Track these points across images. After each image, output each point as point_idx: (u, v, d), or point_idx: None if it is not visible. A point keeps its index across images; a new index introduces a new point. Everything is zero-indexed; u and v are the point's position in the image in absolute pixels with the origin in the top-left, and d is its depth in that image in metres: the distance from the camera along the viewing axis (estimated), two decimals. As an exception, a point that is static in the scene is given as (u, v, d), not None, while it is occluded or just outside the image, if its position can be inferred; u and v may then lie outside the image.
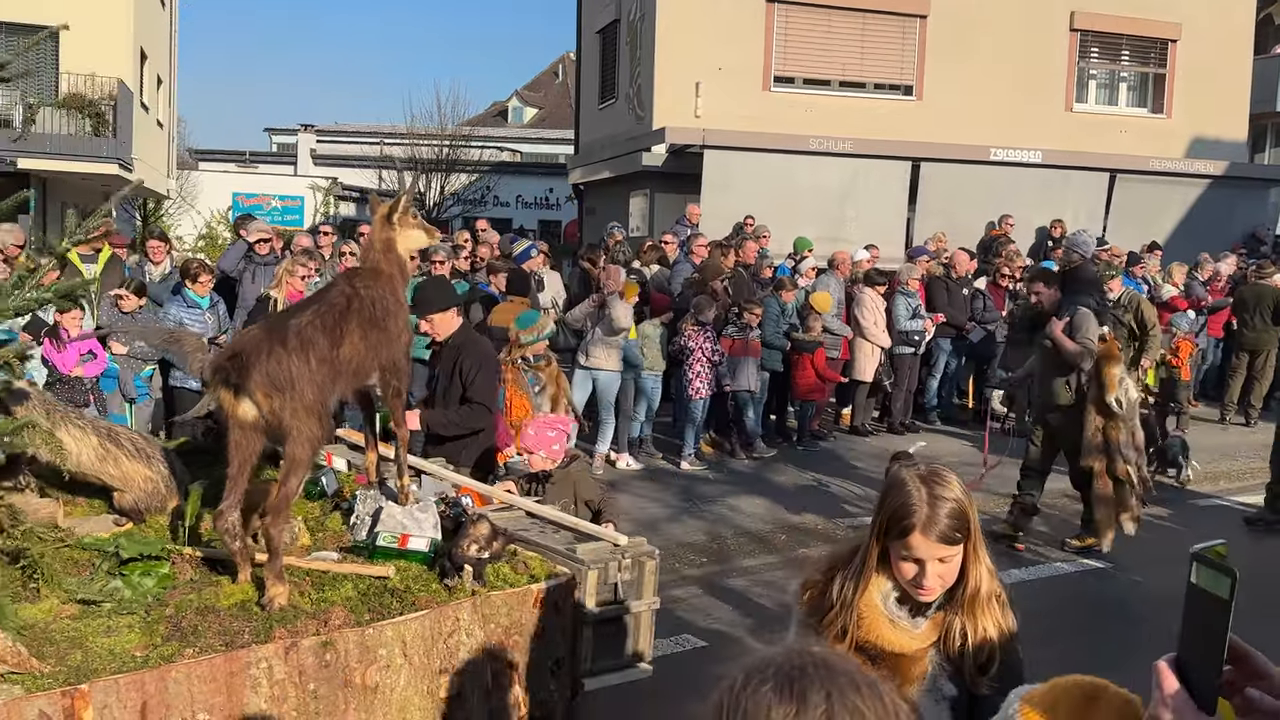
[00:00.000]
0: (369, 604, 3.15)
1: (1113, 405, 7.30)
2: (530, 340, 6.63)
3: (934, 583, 2.17)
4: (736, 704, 1.10)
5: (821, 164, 16.42)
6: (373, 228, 3.79)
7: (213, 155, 39.41)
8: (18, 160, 18.72)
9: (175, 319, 8.44)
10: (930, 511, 2.13)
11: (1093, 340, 7.35)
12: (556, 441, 5.01)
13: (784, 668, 1.12)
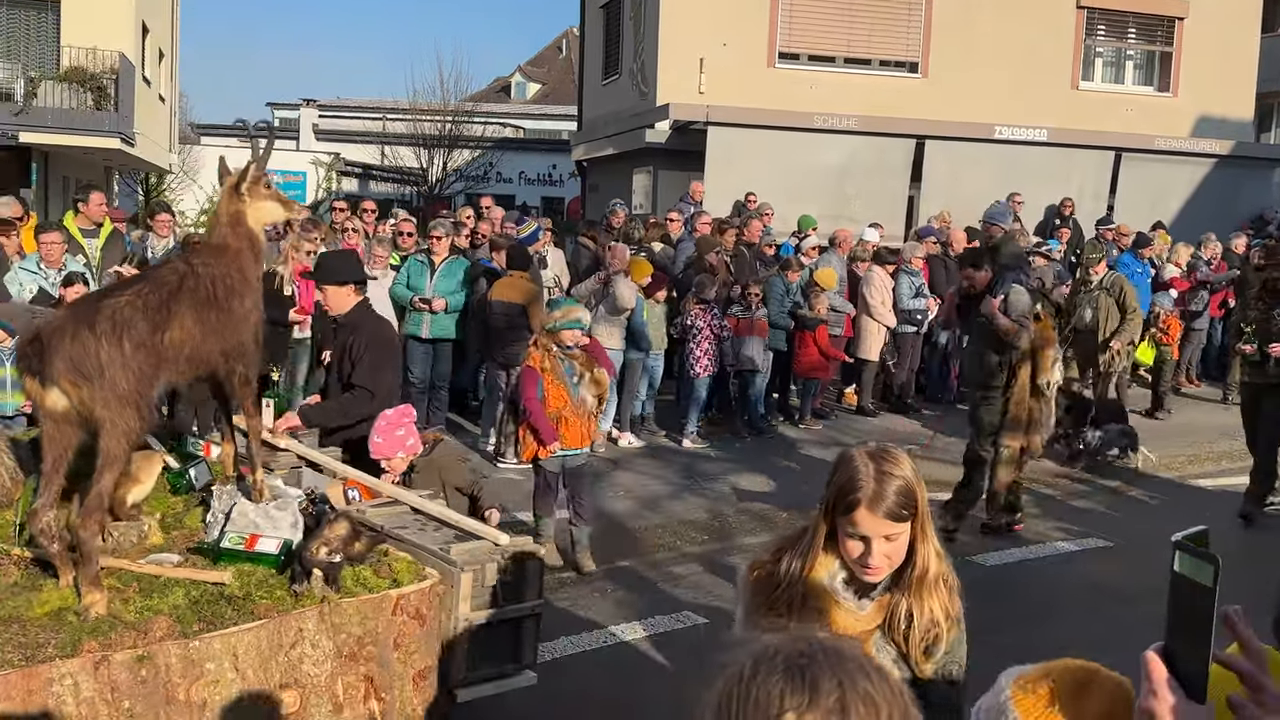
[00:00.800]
0: (201, 613, 2.85)
1: (1043, 387, 7.27)
2: (557, 325, 6.31)
3: (880, 561, 2.14)
4: (746, 694, 1.08)
5: (825, 141, 16.34)
6: (220, 199, 3.47)
7: (215, 130, 39.29)
8: (19, 134, 18.67)
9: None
10: (877, 487, 2.12)
11: (1028, 318, 7.20)
12: (409, 437, 4.74)
13: (793, 655, 1.11)
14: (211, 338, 3.19)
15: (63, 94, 19.26)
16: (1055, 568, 7.10)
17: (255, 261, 3.40)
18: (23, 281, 7.77)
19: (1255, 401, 8.11)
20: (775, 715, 1.05)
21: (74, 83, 19.33)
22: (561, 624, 5.74)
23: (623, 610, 5.95)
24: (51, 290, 7.75)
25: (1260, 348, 7.87)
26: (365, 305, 5.43)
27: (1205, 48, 18.85)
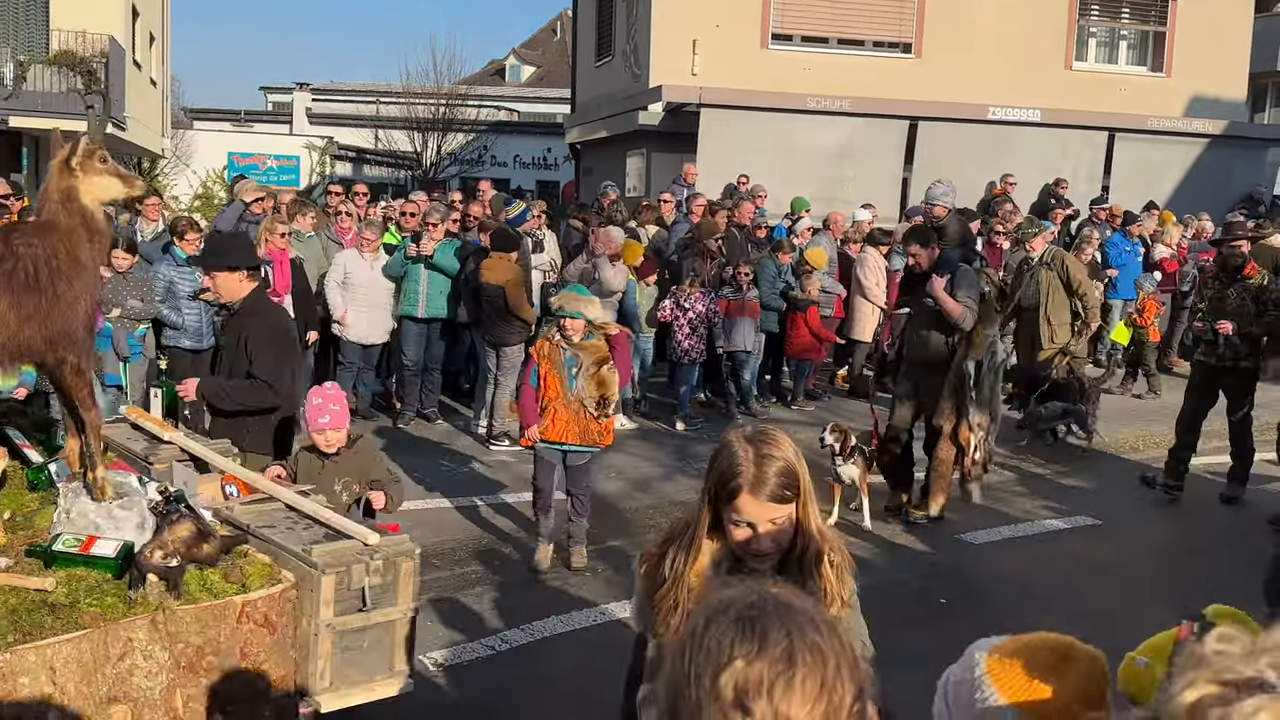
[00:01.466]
0: (19, 623, 2.64)
1: (968, 368, 7.02)
2: (566, 312, 5.98)
3: (768, 545, 2.10)
4: (700, 644, 1.12)
5: (819, 123, 16.30)
6: (49, 175, 3.18)
7: (208, 114, 39.11)
8: (9, 118, 18.60)
9: (165, 277, 8.43)
10: (758, 471, 2.06)
11: (974, 300, 6.96)
12: (324, 414, 4.43)
13: (743, 608, 1.15)
14: (31, 324, 2.93)
15: (52, 78, 19.18)
16: (1043, 545, 7.14)
17: (90, 241, 3.10)
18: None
19: (1209, 382, 7.93)
20: (725, 663, 1.09)
21: (63, 66, 19.26)
22: (552, 604, 5.77)
23: (612, 589, 5.97)
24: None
25: (1210, 325, 7.71)
26: (259, 294, 5.13)
27: (1198, 28, 18.80)
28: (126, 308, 8.15)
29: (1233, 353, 7.68)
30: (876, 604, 5.81)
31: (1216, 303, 7.70)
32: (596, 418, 6.04)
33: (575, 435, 6.02)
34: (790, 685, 1.07)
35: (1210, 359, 7.81)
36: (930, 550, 6.93)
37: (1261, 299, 7.57)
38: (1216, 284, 7.85)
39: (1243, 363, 7.72)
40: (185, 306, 8.43)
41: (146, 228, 9.48)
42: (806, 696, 1.07)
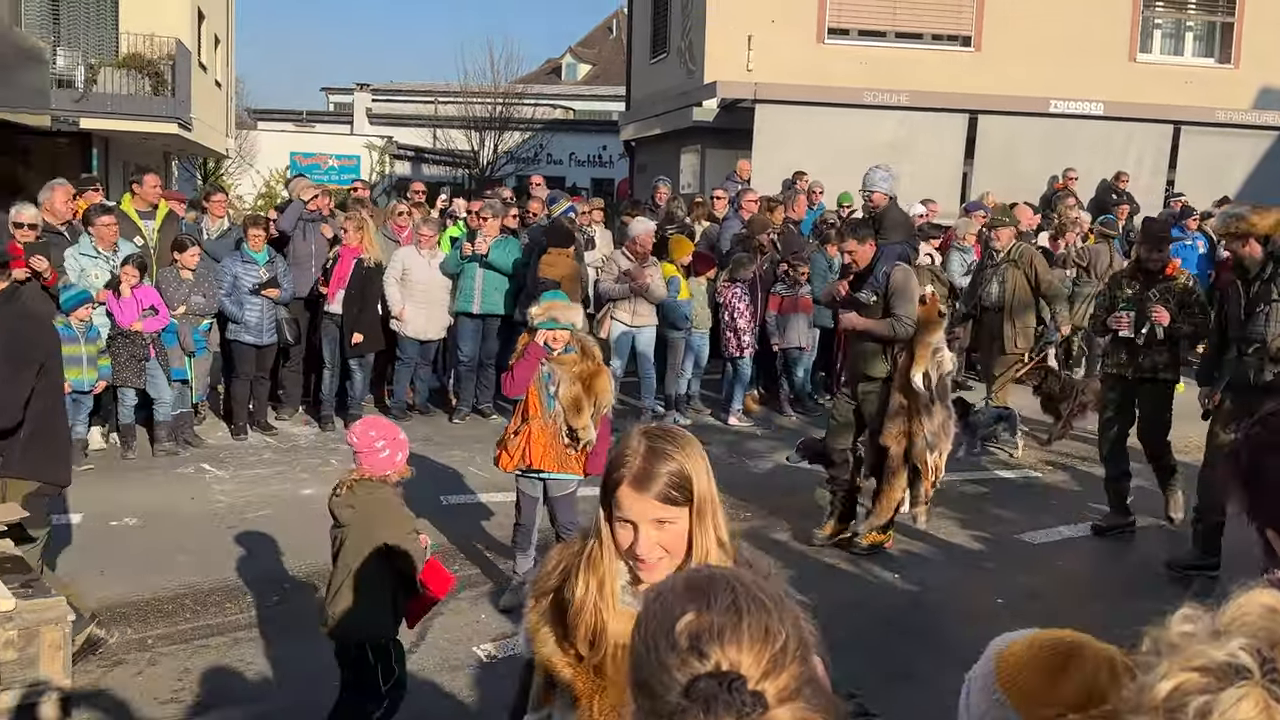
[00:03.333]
0: None
1: (915, 382, 6.28)
2: (533, 322, 5.29)
3: (650, 551, 1.87)
4: (652, 614, 1.20)
5: (876, 118, 16.17)
6: None
7: (271, 115, 39.81)
8: (80, 120, 19.08)
9: (231, 274, 8.62)
10: (643, 465, 1.87)
11: (909, 310, 6.26)
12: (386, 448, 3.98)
13: (690, 577, 1.25)
14: None
15: (121, 80, 19.65)
16: (1102, 545, 7.03)
17: None
18: (84, 266, 7.97)
19: (1127, 398, 7.03)
20: (676, 617, 1.16)
21: (132, 69, 19.72)
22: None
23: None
24: (111, 271, 7.95)
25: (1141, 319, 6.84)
26: (9, 294, 4.61)
27: (1268, 18, 18.30)
28: (191, 304, 8.34)
29: (1151, 363, 6.85)
30: (933, 603, 5.79)
31: (1138, 305, 6.87)
32: (567, 447, 5.32)
33: (553, 462, 5.32)
34: (738, 630, 1.14)
35: (1127, 371, 6.94)
36: (987, 550, 6.85)
37: (1187, 301, 6.83)
38: (1135, 285, 6.99)
39: (1162, 374, 6.90)
40: (248, 302, 8.61)
41: (212, 225, 9.68)
42: (753, 640, 1.14)
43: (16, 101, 16.17)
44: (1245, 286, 6.16)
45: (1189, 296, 6.89)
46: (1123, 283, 7.15)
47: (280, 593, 5.70)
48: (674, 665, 1.14)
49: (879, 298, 6.40)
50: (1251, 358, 6.06)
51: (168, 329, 8.13)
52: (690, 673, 1.13)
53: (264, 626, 5.31)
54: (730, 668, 1.12)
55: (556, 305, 5.30)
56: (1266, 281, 6.04)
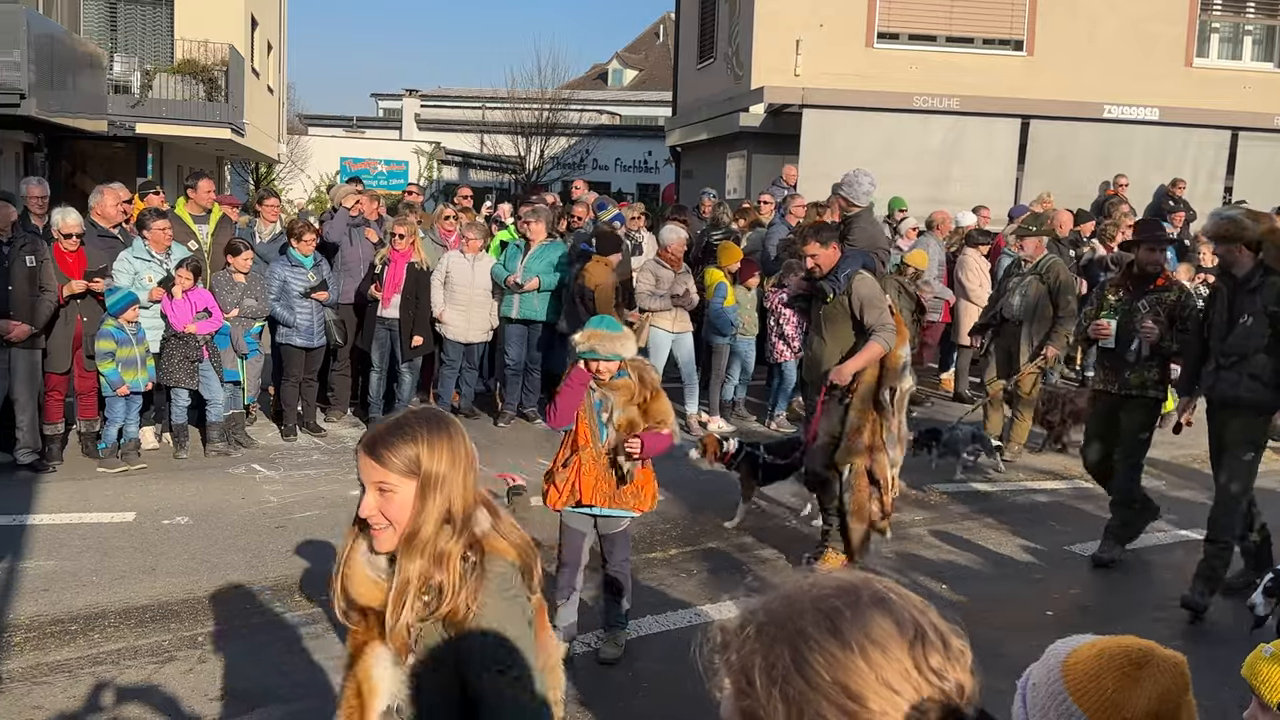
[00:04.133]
0: None
1: (884, 397, 6.05)
2: (598, 354, 4.73)
3: (370, 511, 2.03)
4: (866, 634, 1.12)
5: (926, 122, 16.03)
6: None
7: (321, 120, 40.33)
8: (136, 125, 19.45)
9: (280, 277, 8.72)
10: (379, 432, 2.04)
11: (885, 317, 5.98)
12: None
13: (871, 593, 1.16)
14: None
15: (176, 86, 20.01)
16: (1154, 557, 6.89)
17: None
18: (137, 269, 8.10)
19: (1112, 415, 6.61)
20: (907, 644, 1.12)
21: (187, 75, 20.07)
22: (648, 603, 5.79)
23: (707, 590, 5.97)
24: (166, 273, 8.08)
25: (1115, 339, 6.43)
26: None
27: (1332, 20, 17.91)
28: (244, 307, 8.46)
29: (1140, 379, 6.43)
30: (981, 615, 5.70)
31: (1124, 316, 6.46)
32: (616, 482, 4.86)
33: (605, 497, 4.87)
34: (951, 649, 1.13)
35: (1112, 385, 6.53)
36: (1037, 562, 6.75)
37: (1179, 315, 6.36)
38: (1123, 293, 6.56)
39: (1150, 391, 6.46)
40: (298, 305, 8.71)
41: (265, 229, 9.81)
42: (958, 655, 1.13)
43: (76, 107, 16.53)
44: (1231, 295, 5.80)
45: (1181, 310, 6.39)
46: (1109, 287, 6.74)
47: (327, 593, 5.75)
48: (912, 689, 1.09)
49: (834, 295, 6.12)
50: (1229, 371, 5.72)
51: (220, 331, 8.25)
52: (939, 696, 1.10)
53: (311, 626, 5.36)
54: (964, 687, 1.12)
55: (598, 334, 4.75)
56: (1252, 291, 5.68)
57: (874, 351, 5.99)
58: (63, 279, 7.78)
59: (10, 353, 7.45)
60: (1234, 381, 5.68)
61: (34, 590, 5.62)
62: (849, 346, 6.09)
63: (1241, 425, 5.71)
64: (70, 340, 7.89)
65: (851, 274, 6.06)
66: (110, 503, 7.12)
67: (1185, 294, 6.54)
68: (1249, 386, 5.62)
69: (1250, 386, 5.62)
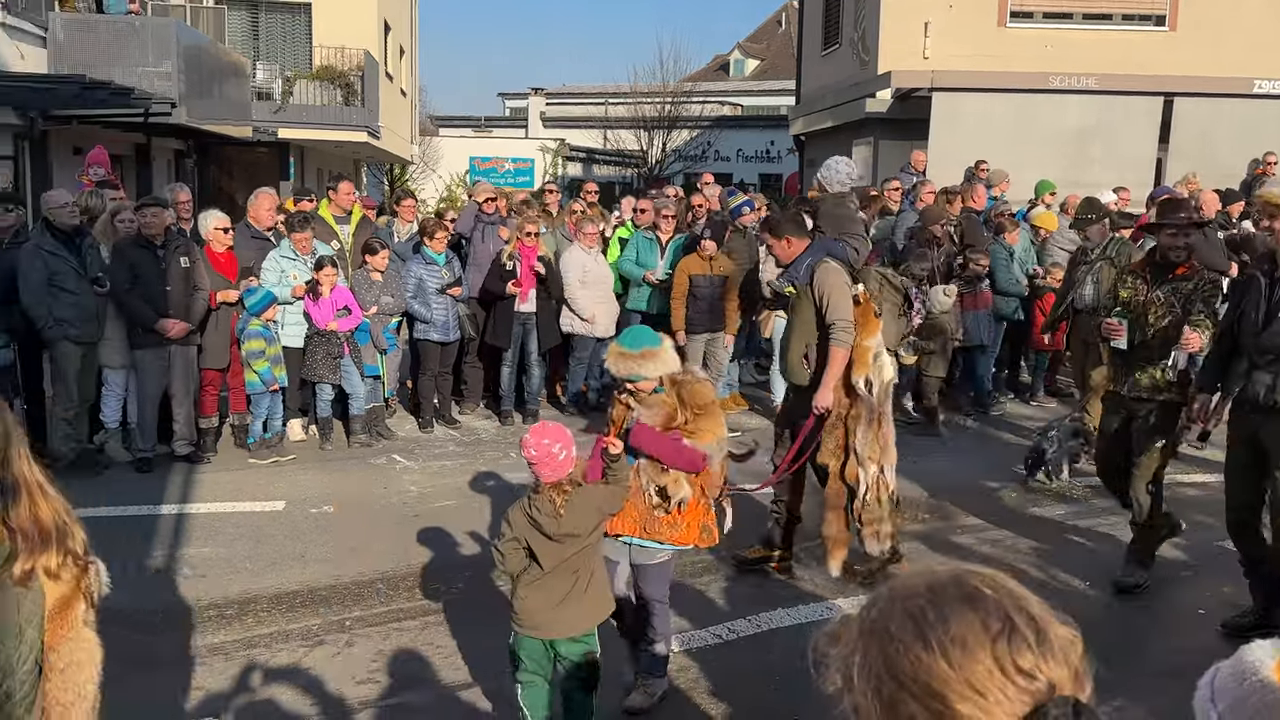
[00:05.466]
0: None
1: (859, 387, 5.61)
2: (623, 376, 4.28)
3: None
4: (948, 629, 1.10)
5: (1063, 103, 15.49)
6: None
7: (451, 121, 41.33)
8: (278, 130, 20.29)
9: (416, 275, 9.00)
10: None
11: (845, 315, 5.55)
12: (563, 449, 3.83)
13: (963, 588, 1.15)
14: None
15: (315, 92, 20.80)
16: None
17: None
18: (283, 268, 8.48)
19: (1125, 422, 5.86)
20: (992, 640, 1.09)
21: (325, 81, 20.85)
22: (780, 595, 5.78)
23: (841, 584, 5.92)
24: (307, 273, 8.43)
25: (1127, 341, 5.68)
26: None
27: None
28: (381, 304, 8.76)
29: (1150, 380, 5.64)
30: (1127, 613, 5.49)
31: (1138, 307, 5.68)
32: (654, 509, 4.32)
33: (636, 526, 4.34)
34: (1050, 644, 1.09)
35: (1122, 387, 5.78)
36: (1187, 558, 6.46)
37: (1200, 305, 5.52)
38: (1139, 282, 5.75)
39: (1164, 394, 5.65)
40: (433, 301, 8.97)
41: (402, 228, 10.14)
42: (1062, 650, 1.09)
43: (222, 114, 17.35)
44: (1271, 283, 5.01)
45: (1198, 301, 5.52)
46: (1127, 279, 5.87)
47: (464, 580, 5.92)
48: (998, 690, 1.07)
49: (795, 288, 5.78)
50: (1264, 371, 4.98)
51: (360, 328, 8.57)
52: (1025, 696, 1.06)
53: (450, 611, 5.53)
54: (1056, 686, 1.07)
55: (616, 353, 4.27)
56: None
57: (838, 361, 5.58)
58: (215, 278, 8.19)
59: (169, 350, 7.89)
60: (1269, 385, 4.96)
61: (192, 576, 5.94)
62: (813, 340, 5.71)
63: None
64: (227, 337, 8.31)
65: (815, 263, 5.69)
66: (261, 492, 7.48)
67: (1206, 282, 5.60)
68: None
69: None
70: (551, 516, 3.77)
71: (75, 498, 2.37)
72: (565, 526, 3.78)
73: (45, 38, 13.88)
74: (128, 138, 15.94)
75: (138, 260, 7.74)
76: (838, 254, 5.85)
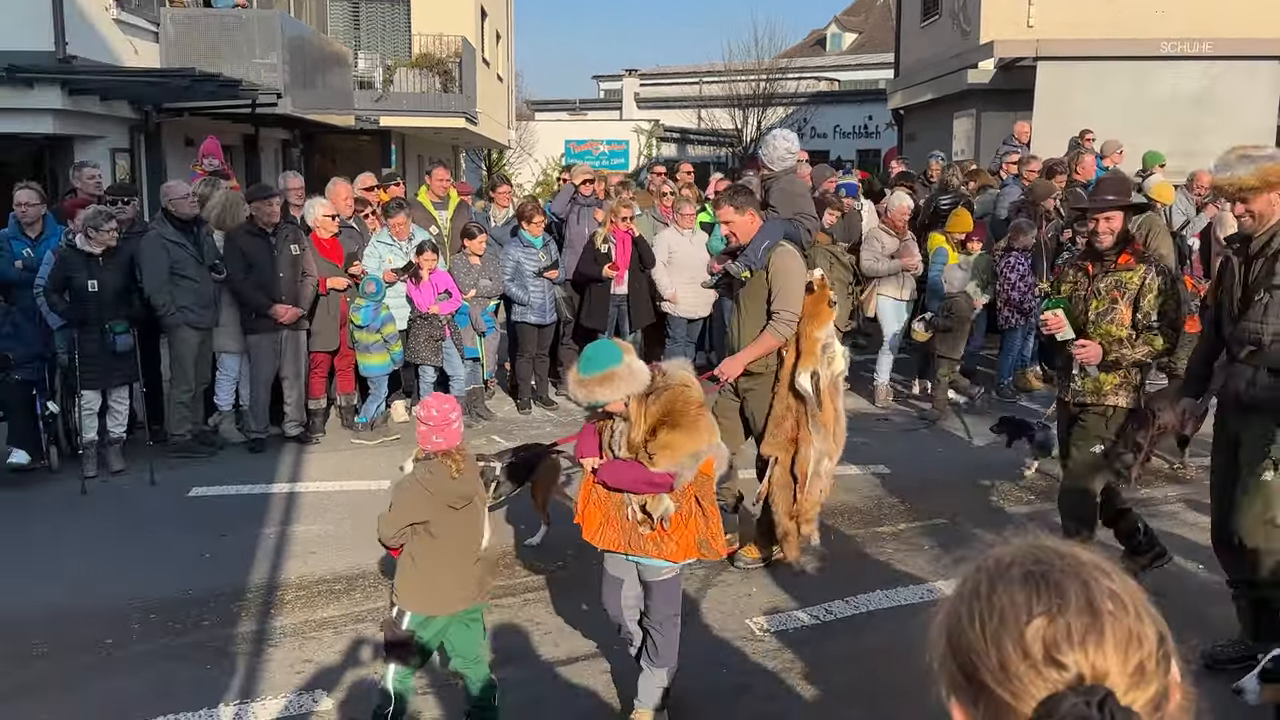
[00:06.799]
0: None
1: (801, 384, 5.30)
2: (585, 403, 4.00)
3: None
4: (992, 607, 1.07)
5: (1175, 69, 14.88)
6: None
7: (547, 105, 41.61)
8: (380, 118, 20.70)
9: (514, 259, 9.11)
10: None
11: (790, 306, 5.28)
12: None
13: (1030, 564, 1.10)
14: None
15: (415, 79, 21.15)
16: None
17: None
18: (381, 254, 8.68)
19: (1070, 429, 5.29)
20: (1024, 619, 1.05)
21: (424, 68, 21.18)
22: (877, 576, 5.72)
23: (938, 565, 5.83)
24: (407, 258, 8.61)
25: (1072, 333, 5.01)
26: None
27: None
28: (480, 287, 8.90)
29: (1093, 384, 5.05)
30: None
31: (1080, 302, 5.07)
32: (639, 526, 4.01)
33: (618, 541, 4.05)
34: (1101, 635, 1.03)
35: (1065, 392, 5.23)
36: None
37: (1153, 305, 4.90)
38: (1080, 275, 5.14)
39: (1109, 399, 5.05)
40: (530, 284, 9.08)
41: (498, 213, 10.28)
42: (1118, 644, 1.03)
43: (326, 103, 17.78)
44: (1245, 267, 4.47)
45: (1148, 296, 4.89)
46: (1069, 271, 5.28)
47: (565, 558, 6.00)
48: (1025, 675, 1.04)
49: (751, 273, 5.45)
50: (1243, 364, 4.42)
51: (460, 311, 8.73)
52: (1048, 686, 1.03)
53: (550, 589, 5.62)
54: (1094, 677, 1.02)
55: (573, 379, 3.94)
56: (1271, 258, 4.33)
57: (766, 344, 5.36)
58: (323, 264, 8.43)
59: (281, 335, 8.15)
60: (1249, 379, 4.39)
61: (303, 553, 6.15)
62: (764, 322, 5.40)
63: (1261, 434, 4.38)
64: (336, 321, 8.55)
65: (771, 246, 5.40)
66: (367, 471, 7.69)
67: (1157, 274, 4.93)
68: (1267, 384, 4.34)
69: (1270, 385, 4.34)
70: (451, 480, 3.86)
71: (191, 478, 2.47)
72: (462, 488, 3.89)
73: (157, 33, 14.40)
74: (236, 128, 16.47)
75: (251, 248, 8.01)
76: (794, 236, 5.62)
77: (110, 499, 7.18)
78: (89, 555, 6.17)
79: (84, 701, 4.50)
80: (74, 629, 5.14)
